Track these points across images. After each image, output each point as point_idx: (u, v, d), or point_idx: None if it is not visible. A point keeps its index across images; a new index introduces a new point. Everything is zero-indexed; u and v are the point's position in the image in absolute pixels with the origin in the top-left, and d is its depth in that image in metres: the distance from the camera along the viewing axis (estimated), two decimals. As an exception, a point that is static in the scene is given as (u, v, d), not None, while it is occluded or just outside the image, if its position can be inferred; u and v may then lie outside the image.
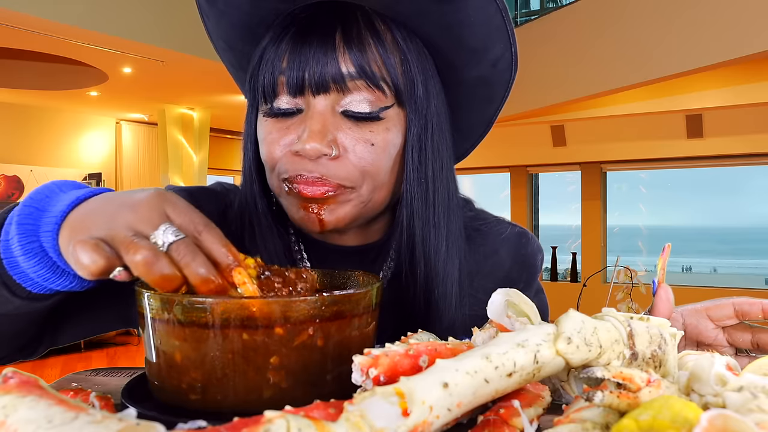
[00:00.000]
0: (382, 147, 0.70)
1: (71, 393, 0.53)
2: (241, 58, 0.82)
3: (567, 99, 5.51)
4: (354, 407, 0.34)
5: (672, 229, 29.79)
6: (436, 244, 0.75)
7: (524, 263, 0.88)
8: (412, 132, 0.72)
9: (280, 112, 0.71)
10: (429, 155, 0.74)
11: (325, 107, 0.69)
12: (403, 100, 0.71)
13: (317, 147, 0.67)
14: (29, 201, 0.57)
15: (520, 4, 7.01)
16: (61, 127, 8.16)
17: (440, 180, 0.75)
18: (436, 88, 0.75)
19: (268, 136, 0.72)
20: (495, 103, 0.82)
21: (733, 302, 0.70)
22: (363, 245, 0.82)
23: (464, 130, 0.86)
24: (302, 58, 0.68)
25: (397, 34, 0.71)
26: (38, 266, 0.56)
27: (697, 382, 0.43)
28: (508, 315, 0.53)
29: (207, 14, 0.79)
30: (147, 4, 5.19)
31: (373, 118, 0.69)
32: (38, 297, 0.59)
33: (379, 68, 0.69)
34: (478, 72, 0.77)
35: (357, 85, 0.68)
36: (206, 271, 0.49)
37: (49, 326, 0.70)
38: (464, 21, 0.71)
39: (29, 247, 0.55)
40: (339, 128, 0.69)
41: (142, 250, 0.48)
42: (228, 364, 0.48)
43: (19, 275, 0.57)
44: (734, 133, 6.51)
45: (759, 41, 3.94)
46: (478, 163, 8.11)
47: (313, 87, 0.68)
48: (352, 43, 0.68)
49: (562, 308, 0.46)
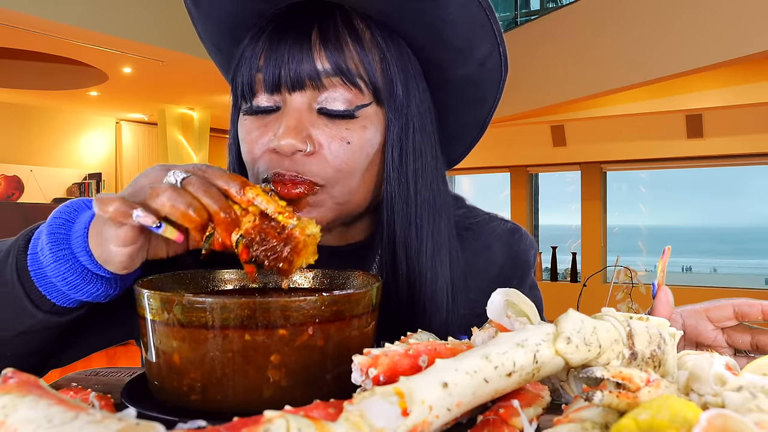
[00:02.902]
0: (358, 145, 0.70)
1: (71, 393, 0.53)
2: (229, 60, 0.82)
3: (567, 99, 5.51)
4: (354, 407, 0.34)
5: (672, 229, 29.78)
6: (419, 244, 0.74)
7: (517, 259, 0.88)
8: (392, 132, 0.72)
9: (259, 109, 0.71)
10: (410, 155, 0.73)
11: (301, 104, 0.69)
12: (381, 98, 0.71)
13: (292, 143, 0.67)
14: (58, 214, 0.60)
15: (520, 4, 7.00)
16: (61, 127, 8.15)
17: (423, 180, 0.75)
18: (419, 88, 0.75)
19: (247, 135, 0.72)
20: (487, 104, 0.82)
21: (733, 303, 0.70)
22: (348, 245, 0.81)
23: (456, 134, 0.85)
24: (278, 55, 0.68)
25: (377, 33, 0.71)
26: (68, 272, 0.58)
27: (697, 382, 0.43)
28: (508, 315, 0.53)
29: (195, 17, 0.80)
30: (147, 4, 5.19)
31: (349, 115, 0.69)
32: (60, 311, 0.61)
33: (356, 66, 0.69)
34: (465, 71, 0.77)
35: (333, 82, 0.68)
36: (220, 198, 0.55)
37: (56, 348, 0.70)
38: (445, 19, 0.71)
39: (60, 254, 0.58)
40: (315, 125, 0.69)
41: (163, 191, 0.53)
42: (228, 364, 0.48)
43: (46, 286, 0.59)
44: (734, 133, 6.50)
45: (759, 41, 3.94)
46: (478, 163, 8.10)
47: (289, 84, 0.68)
48: (328, 41, 0.68)
49: (562, 308, 0.46)
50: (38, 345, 0.65)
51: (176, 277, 0.62)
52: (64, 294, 0.59)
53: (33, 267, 0.59)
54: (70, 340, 0.72)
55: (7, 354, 0.64)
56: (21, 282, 0.59)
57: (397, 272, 0.74)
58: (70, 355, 0.74)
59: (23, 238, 0.62)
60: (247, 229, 0.56)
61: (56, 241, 0.58)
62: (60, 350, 0.72)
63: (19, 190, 7.70)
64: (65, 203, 0.63)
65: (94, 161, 8.49)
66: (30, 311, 0.60)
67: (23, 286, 0.59)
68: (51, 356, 0.71)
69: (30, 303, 0.59)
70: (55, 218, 0.60)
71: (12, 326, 0.61)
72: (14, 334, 0.62)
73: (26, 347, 0.65)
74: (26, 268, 0.59)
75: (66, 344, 0.72)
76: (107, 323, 0.74)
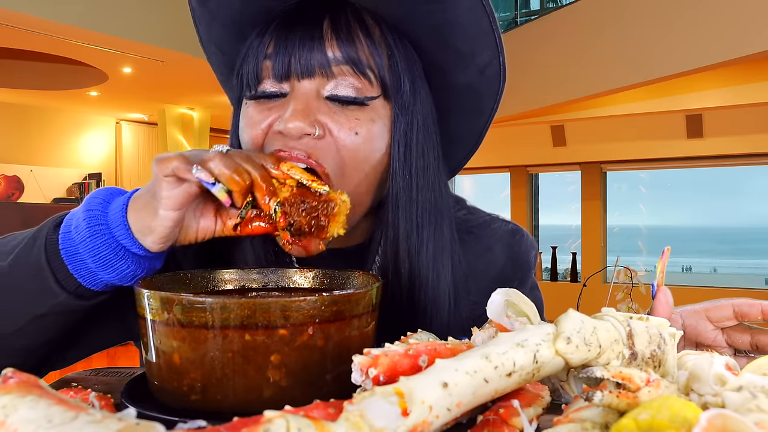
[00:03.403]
0: (366, 137, 0.70)
1: (71, 393, 0.53)
2: (231, 61, 0.82)
3: (567, 99, 5.51)
4: (354, 407, 0.34)
5: (672, 229, 29.78)
6: (419, 243, 0.74)
7: (518, 260, 0.88)
8: (398, 128, 0.73)
9: (264, 94, 0.71)
10: (414, 153, 0.74)
11: (309, 90, 0.69)
12: (389, 94, 0.72)
13: (299, 125, 0.67)
14: (95, 194, 0.63)
15: (520, 4, 6.99)
16: (61, 127, 8.15)
17: (425, 179, 0.75)
18: (423, 89, 0.76)
19: (249, 120, 0.72)
20: (484, 116, 0.83)
21: (733, 303, 0.70)
22: (349, 247, 0.81)
23: (454, 141, 0.86)
24: (288, 44, 0.69)
25: (386, 32, 0.72)
26: (102, 246, 0.60)
27: (697, 382, 0.43)
28: (508, 315, 0.53)
29: (199, 18, 0.80)
30: (147, 4, 5.19)
31: (359, 103, 0.70)
32: (84, 293, 0.62)
33: (367, 57, 0.70)
34: (466, 79, 0.78)
35: (343, 70, 0.69)
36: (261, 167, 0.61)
37: (62, 344, 0.71)
38: (453, 21, 0.72)
39: (96, 229, 0.60)
40: (323, 111, 0.69)
41: (213, 157, 0.59)
42: (228, 364, 0.48)
43: (75, 264, 0.60)
44: (734, 133, 6.50)
45: (759, 41, 3.94)
46: (478, 163, 8.10)
47: (299, 72, 0.69)
48: (340, 31, 0.69)
49: (562, 308, 0.46)
50: (51, 334, 0.65)
51: (176, 277, 0.62)
52: (93, 273, 0.61)
53: (64, 245, 0.61)
54: (75, 339, 0.72)
55: (18, 344, 0.64)
56: (48, 261, 0.60)
57: (399, 272, 0.74)
58: (74, 354, 0.74)
59: (53, 222, 0.63)
60: (286, 197, 0.62)
61: (93, 217, 0.60)
62: (64, 348, 0.72)
63: (19, 190, 7.70)
64: (100, 189, 0.65)
65: (94, 161, 8.49)
66: (54, 291, 0.61)
67: (50, 266, 0.60)
68: (54, 355, 0.71)
69: (55, 282, 0.60)
70: (93, 198, 0.62)
71: (32, 309, 0.62)
72: (31, 318, 0.62)
73: (38, 336, 0.65)
74: (57, 247, 0.61)
75: (70, 342, 0.72)
76: (110, 323, 0.75)
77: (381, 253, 0.77)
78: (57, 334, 0.66)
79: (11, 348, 0.65)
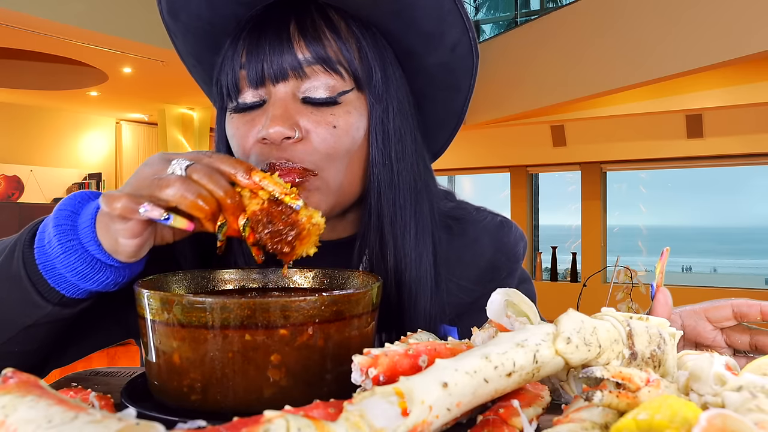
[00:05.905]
0: (344, 129, 0.72)
1: (71, 393, 0.53)
2: (209, 72, 0.83)
3: (567, 99, 5.51)
4: (353, 407, 0.34)
5: (672, 229, 29.78)
6: (403, 225, 0.76)
7: (506, 251, 0.89)
8: (374, 116, 0.74)
9: (245, 106, 0.73)
10: (392, 138, 0.76)
11: (285, 94, 0.71)
12: (362, 85, 0.74)
13: (280, 130, 0.68)
14: (63, 206, 0.61)
15: (520, 4, 7.00)
16: (61, 127, 8.15)
17: (404, 163, 0.77)
18: (396, 74, 0.78)
19: (236, 131, 0.74)
20: (462, 93, 0.84)
21: (732, 304, 0.70)
22: (338, 240, 0.82)
23: (435, 123, 0.88)
24: (260, 50, 0.71)
25: (352, 24, 0.74)
26: (77, 262, 0.59)
27: (697, 382, 0.43)
28: (508, 315, 0.53)
29: (174, 32, 0.82)
30: (147, 4, 5.18)
31: (332, 102, 0.72)
32: (68, 302, 0.61)
33: (336, 53, 0.72)
34: (438, 59, 0.80)
35: (315, 70, 0.71)
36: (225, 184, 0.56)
37: (59, 345, 0.71)
38: (414, 4, 0.74)
39: (69, 245, 0.58)
40: (300, 113, 0.71)
41: (171, 182, 0.54)
42: (228, 364, 0.48)
43: (55, 278, 0.59)
44: (734, 133, 6.50)
45: (759, 41, 3.94)
46: (478, 163, 8.10)
47: (272, 76, 0.71)
48: (306, 31, 0.71)
49: (562, 308, 0.46)
50: (44, 340, 0.65)
51: (176, 277, 0.62)
52: (73, 284, 0.60)
53: (41, 260, 0.60)
54: (73, 339, 0.72)
55: (15, 350, 0.64)
56: (29, 275, 0.60)
57: (385, 257, 0.76)
58: (72, 354, 0.74)
59: (28, 233, 0.62)
60: (254, 211, 0.57)
61: (64, 233, 0.59)
62: (62, 348, 0.72)
63: (19, 190, 7.70)
64: (69, 195, 0.63)
65: (94, 161, 8.49)
66: (38, 304, 0.60)
67: (31, 280, 0.60)
68: (53, 355, 0.71)
69: (38, 296, 0.60)
70: (60, 210, 0.61)
71: (20, 320, 0.61)
72: (21, 329, 0.62)
73: (32, 343, 0.65)
74: (34, 261, 0.60)
75: (68, 342, 0.72)
76: (108, 322, 0.75)
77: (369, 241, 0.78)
78: (51, 339, 0.66)
79: (8, 352, 0.64)
